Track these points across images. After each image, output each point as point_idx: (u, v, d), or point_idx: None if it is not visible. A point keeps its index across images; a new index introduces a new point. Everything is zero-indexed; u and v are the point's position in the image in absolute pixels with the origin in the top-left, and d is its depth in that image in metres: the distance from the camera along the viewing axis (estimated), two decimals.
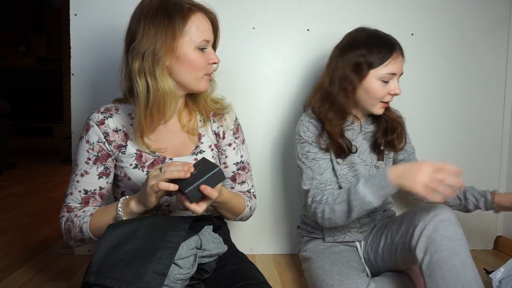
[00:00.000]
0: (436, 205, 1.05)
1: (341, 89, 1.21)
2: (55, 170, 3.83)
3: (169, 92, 1.00)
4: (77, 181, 1.05)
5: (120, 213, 0.97)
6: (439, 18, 1.64)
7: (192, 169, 0.90)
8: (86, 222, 1.01)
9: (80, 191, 1.05)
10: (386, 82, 1.19)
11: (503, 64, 1.69)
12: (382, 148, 1.28)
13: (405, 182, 1.01)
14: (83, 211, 1.03)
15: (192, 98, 1.14)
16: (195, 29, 1.00)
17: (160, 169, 0.90)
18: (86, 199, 1.05)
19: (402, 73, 1.23)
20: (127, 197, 0.99)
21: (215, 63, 1.07)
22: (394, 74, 1.19)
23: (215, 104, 1.15)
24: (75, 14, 1.51)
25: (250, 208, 1.17)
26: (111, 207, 1.00)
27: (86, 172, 1.05)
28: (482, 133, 1.72)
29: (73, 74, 1.53)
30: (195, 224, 0.96)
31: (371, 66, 1.18)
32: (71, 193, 1.06)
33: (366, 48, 1.18)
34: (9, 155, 3.73)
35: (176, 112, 1.11)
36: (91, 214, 1.01)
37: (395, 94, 1.21)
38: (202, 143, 1.12)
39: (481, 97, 1.70)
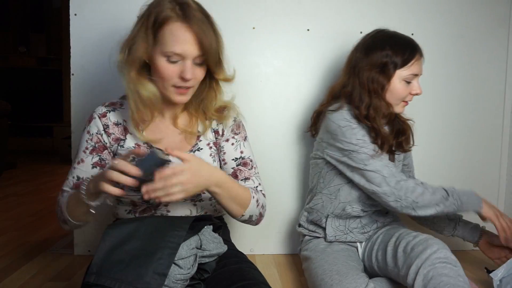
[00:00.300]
0: (432, 239, 1.06)
1: (371, 91, 1.22)
2: (55, 170, 3.83)
3: (132, 93, 1.00)
4: (74, 168, 1.08)
5: (83, 192, 0.94)
6: (439, 18, 1.64)
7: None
8: (64, 203, 1.02)
9: (74, 177, 1.07)
10: (408, 82, 1.24)
11: (503, 64, 1.69)
12: (393, 148, 1.30)
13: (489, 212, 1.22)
14: (65, 195, 1.05)
15: (194, 104, 1.12)
16: (167, 38, 0.96)
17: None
18: (77, 185, 1.06)
19: (421, 74, 1.27)
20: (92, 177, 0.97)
21: (182, 78, 0.98)
22: (416, 75, 1.24)
23: (218, 113, 1.13)
24: (75, 14, 1.51)
25: (257, 201, 1.09)
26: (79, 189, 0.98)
27: (82, 161, 1.08)
28: (482, 133, 1.72)
29: (73, 74, 1.53)
30: (195, 224, 0.96)
31: (396, 66, 1.21)
32: (67, 179, 1.09)
33: (391, 49, 1.21)
34: (9, 155, 3.73)
35: (172, 118, 1.11)
36: (69, 195, 1.02)
37: (416, 94, 1.26)
38: (200, 141, 1.12)
39: (481, 97, 1.70)
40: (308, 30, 1.60)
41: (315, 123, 1.38)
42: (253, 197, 1.08)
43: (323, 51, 1.60)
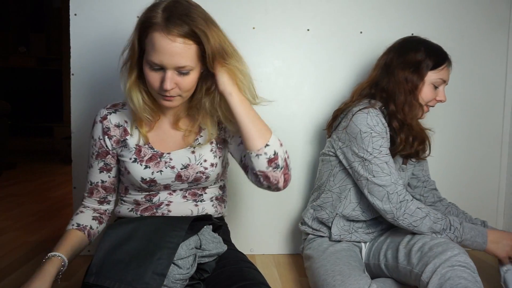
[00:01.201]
0: (452, 243, 1.06)
1: (406, 90, 1.24)
2: (55, 170, 3.83)
3: (131, 102, 1.02)
4: (87, 172, 1.14)
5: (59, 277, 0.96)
6: (439, 18, 1.64)
7: None
8: (70, 221, 1.09)
9: (88, 182, 1.13)
10: (436, 87, 1.26)
11: (503, 64, 1.69)
12: (410, 156, 1.31)
13: (497, 252, 1.16)
14: (71, 219, 1.10)
15: (194, 107, 1.09)
16: (148, 47, 0.94)
17: None
18: (91, 189, 1.13)
19: (447, 83, 1.29)
20: (55, 255, 0.96)
21: (163, 88, 0.94)
22: (444, 81, 1.27)
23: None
24: (75, 14, 1.51)
25: (279, 141, 1.02)
26: (57, 244, 1.00)
27: (91, 166, 1.12)
28: (482, 133, 1.72)
29: (73, 74, 1.53)
30: (195, 224, 0.96)
31: (428, 67, 1.24)
32: (86, 182, 1.15)
33: (425, 50, 1.25)
34: (9, 155, 3.73)
35: (173, 119, 1.10)
36: (66, 230, 1.06)
37: (440, 101, 1.28)
38: (201, 136, 1.12)
39: (481, 97, 1.70)
40: (308, 30, 1.60)
41: (333, 121, 1.36)
42: (274, 135, 1.02)
43: (323, 51, 1.60)
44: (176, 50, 0.92)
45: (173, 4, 0.94)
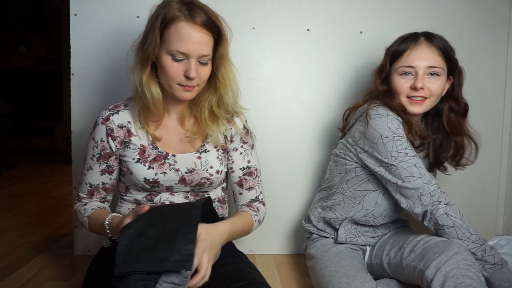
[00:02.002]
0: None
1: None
2: (55, 170, 3.82)
3: (149, 95, 1.03)
4: (84, 174, 1.13)
5: (107, 226, 0.99)
6: (439, 18, 1.64)
7: None
8: (85, 221, 1.08)
9: (86, 184, 1.12)
10: (405, 74, 1.21)
11: (503, 64, 1.69)
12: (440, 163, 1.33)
13: None
14: (84, 209, 1.09)
15: (194, 107, 1.12)
16: (173, 37, 0.98)
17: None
18: (91, 191, 1.12)
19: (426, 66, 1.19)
20: (116, 215, 1.01)
21: (187, 77, 1.00)
22: (413, 67, 1.19)
23: (224, 114, 1.13)
24: (75, 14, 1.51)
25: (259, 221, 1.17)
26: (102, 218, 1.02)
27: (91, 168, 1.11)
28: (482, 133, 1.70)
29: (73, 74, 1.53)
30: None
31: (392, 59, 1.23)
32: (81, 184, 1.14)
33: (394, 43, 1.25)
34: (9, 155, 3.73)
35: (178, 117, 1.12)
36: (88, 216, 1.07)
37: (415, 88, 1.18)
38: (208, 142, 1.12)
39: (481, 97, 1.70)
40: (308, 30, 1.60)
41: (346, 121, 1.33)
42: (256, 221, 1.15)
43: (323, 51, 1.60)
44: (201, 39, 0.99)
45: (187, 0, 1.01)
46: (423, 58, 1.18)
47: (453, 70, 1.24)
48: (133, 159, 1.07)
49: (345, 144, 1.29)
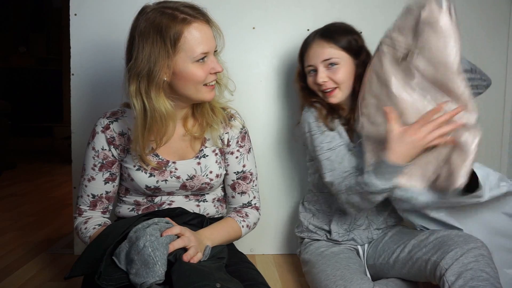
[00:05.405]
0: (474, 238, 1.03)
1: None
2: (55, 170, 3.83)
3: (165, 113, 0.97)
4: (85, 186, 1.09)
5: None
6: None
7: None
8: (86, 242, 1.04)
9: (88, 195, 1.09)
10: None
11: (503, 64, 1.69)
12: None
13: (413, 152, 1.02)
14: (86, 228, 1.06)
15: (199, 107, 1.11)
16: (191, 43, 0.94)
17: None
18: (94, 202, 1.09)
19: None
20: None
21: (217, 72, 1.01)
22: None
23: (222, 111, 1.14)
24: (75, 14, 1.51)
25: (248, 226, 1.15)
26: None
27: (93, 178, 1.08)
28: (482, 133, 1.71)
29: (73, 74, 1.53)
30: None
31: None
32: (81, 196, 1.10)
33: None
34: (9, 155, 3.73)
35: (181, 118, 1.10)
36: (89, 236, 1.04)
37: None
38: (206, 147, 1.12)
39: (481, 97, 1.69)
40: (308, 30, 1.59)
41: None
42: (242, 226, 1.13)
43: None
44: (212, 34, 1.00)
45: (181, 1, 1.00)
46: (316, 55, 1.23)
47: (358, 51, 1.23)
48: (134, 166, 1.06)
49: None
